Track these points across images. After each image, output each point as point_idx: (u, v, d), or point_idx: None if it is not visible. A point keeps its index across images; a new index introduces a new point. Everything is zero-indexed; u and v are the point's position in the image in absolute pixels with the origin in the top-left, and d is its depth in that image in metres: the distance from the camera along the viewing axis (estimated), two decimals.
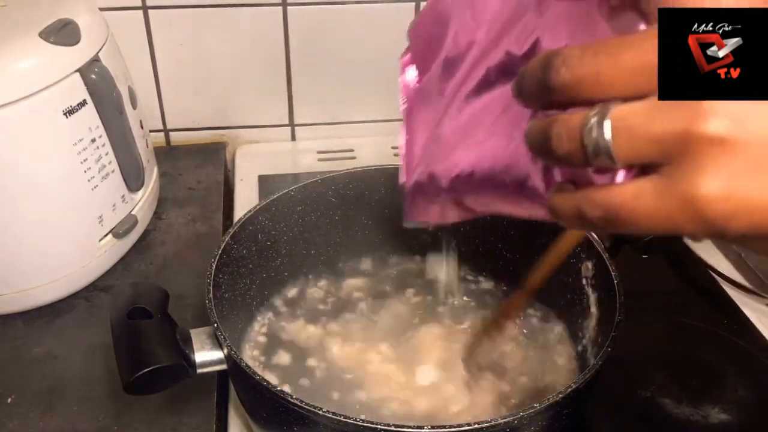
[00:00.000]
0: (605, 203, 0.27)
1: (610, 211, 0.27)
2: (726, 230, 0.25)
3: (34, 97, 0.62)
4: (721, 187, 0.24)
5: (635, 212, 0.26)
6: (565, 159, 0.28)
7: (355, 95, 1.00)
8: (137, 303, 0.54)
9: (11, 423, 0.60)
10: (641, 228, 0.26)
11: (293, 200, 0.68)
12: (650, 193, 0.26)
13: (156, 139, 0.94)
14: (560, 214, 0.29)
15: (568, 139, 0.27)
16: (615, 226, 0.27)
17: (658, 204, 0.25)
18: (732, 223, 0.25)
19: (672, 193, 0.25)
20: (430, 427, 0.45)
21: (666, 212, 0.25)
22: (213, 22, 0.92)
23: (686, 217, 0.25)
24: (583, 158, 0.27)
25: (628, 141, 0.26)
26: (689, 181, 0.25)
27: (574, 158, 0.27)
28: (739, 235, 0.25)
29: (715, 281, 0.77)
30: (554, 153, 0.28)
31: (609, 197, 0.27)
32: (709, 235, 0.26)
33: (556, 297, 0.66)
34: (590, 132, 0.26)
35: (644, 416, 0.63)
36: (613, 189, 0.27)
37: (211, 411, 0.61)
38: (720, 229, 0.25)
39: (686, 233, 0.26)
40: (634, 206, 0.26)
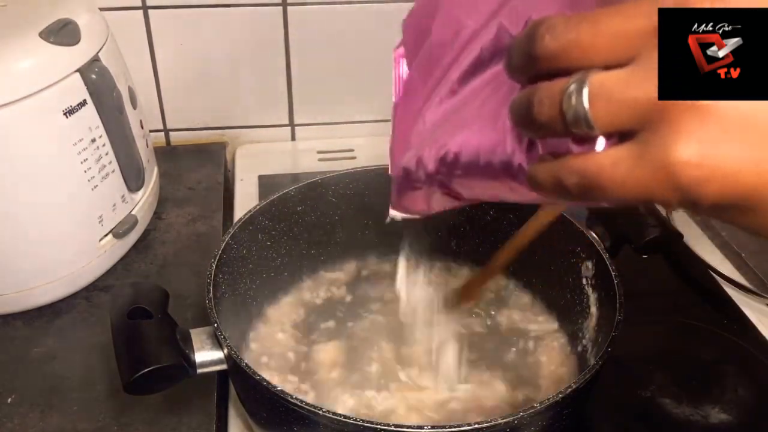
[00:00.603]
0: (582, 169, 0.27)
1: (587, 178, 0.27)
2: (699, 197, 0.25)
3: (34, 97, 0.62)
4: (694, 153, 0.24)
5: (611, 178, 0.26)
6: (545, 126, 0.28)
7: (355, 95, 1.00)
8: (137, 303, 0.53)
9: (11, 423, 0.60)
10: (617, 195, 0.27)
11: (293, 200, 0.68)
12: (626, 159, 0.26)
13: (156, 139, 0.94)
14: (538, 182, 0.29)
15: (549, 105, 0.27)
16: (591, 193, 0.27)
17: (633, 169, 0.26)
18: (705, 189, 0.25)
19: (647, 159, 0.25)
20: (430, 427, 0.45)
21: (640, 178, 0.25)
22: (213, 22, 0.92)
23: (660, 182, 0.25)
24: (562, 125, 0.27)
25: (605, 107, 0.26)
26: (664, 146, 0.25)
27: (553, 125, 0.27)
28: (711, 204, 0.25)
29: (715, 281, 0.77)
30: (535, 120, 0.28)
31: (586, 163, 0.27)
32: (682, 203, 0.26)
33: (556, 297, 0.66)
34: (570, 98, 0.26)
35: (644, 416, 0.63)
36: (590, 156, 0.27)
37: (211, 411, 0.61)
38: (693, 195, 0.25)
39: (660, 200, 0.26)
40: (610, 172, 0.26)
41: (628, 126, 0.26)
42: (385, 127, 1.10)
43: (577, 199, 0.28)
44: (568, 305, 0.65)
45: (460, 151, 0.37)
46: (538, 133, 0.29)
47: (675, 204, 0.26)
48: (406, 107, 0.44)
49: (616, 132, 0.27)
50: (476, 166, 0.36)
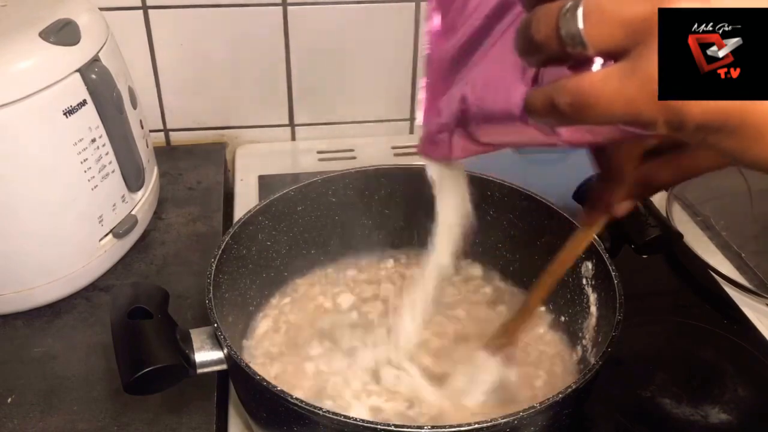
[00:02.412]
0: (574, 87, 0.28)
1: (578, 96, 0.27)
2: (685, 116, 0.26)
3: (34, 97, 0.62)
4: None
5: (601, 94, 0.27)
6: (542, 46, 0.28)
7: (355, 95, 1.01)
8: (137, 303, 0.54)
9: (11, 423, 0.60)
10: (607, 112, 0.27)
11: (293, 200, 0.68)
12: (616, 75, 0.26)
13: (156, 139, 0.94)
14: (534, 107, 0.30)
15: (545, 23, 0.28)
16: (583, 112, 0.27)
17: (623, 85, 0.26)
18: (691, 107, 0.25)
19: (635, 75, 0.26)
20: (430, 427, 0.45)
21: (629, 94, 0.26)
22: (213, 22, 0.92)
23: (648, 99, 0.26)
24: (557, 44, 0.28)
25: (598, 25, 0.26)
26: (653, 62, 0.25)
27: (549, 44, 0.28)
28: (696, 124, 0.26)
29: (715, 281, 0.77)
30: (533, 40, 0.28)
31: (578, 81, 0.28)
32: (668, 122, 0.26)
33: (556, 297, 0.66)
34: (565, 16, 0.27)
35: (644, 416, 0.63)
36: (582, 75, 0.28)
37: (211, 411, 0.61)
38: (680, 113, 0.26)
39: (647, 118, 0.26)
40: (600, 89, 0.27)
41: (620, 44, 0.26)
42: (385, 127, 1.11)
43: (570, 119, 0.29)
44: (568, 305, 0.65)
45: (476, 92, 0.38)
46: (536, 56, 0.30)
47: (661, 124, 0.26)
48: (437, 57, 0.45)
49: (608, 50, 0.27)
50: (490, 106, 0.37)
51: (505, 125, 0.37)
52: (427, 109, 0.47)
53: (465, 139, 0.43)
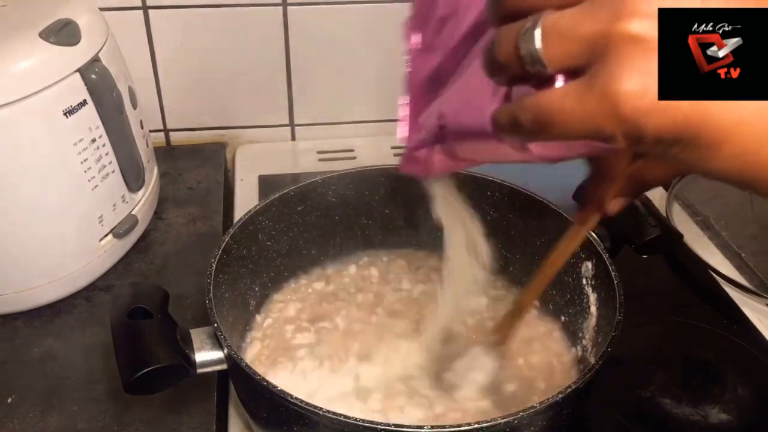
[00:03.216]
0: (535, 104, 0.28)
1: (539, 113, 0.28)
2: (641, 129, 0.26)
3: (34, 97, 0.62)
4: (637, 84, 0.25)
5: (561, 111, 0.27)
6: (504, 66, 0.29)
7: (355, 95, 1.01)
8: (137, 303, 0.53)
9: (11, 423, 0.60)
10: (567, 128, 0.27)
11: (293, 200, 0.68)
12: (575, 91, 0.27)
13: (156, 139, 0.94)
14: (499, 123, 0.31)
15: (506, 44, 0.28)
16: (545, 128, 0.28)
17: (581, 101, 0.27)
18: (646, 120, 0.26)
19: (593, 90, 0.26)
20: (430, 427, 0.45)
21: (587, 109, 0.26)
22: (213, 22, 0.92)
23: (605, 113, 0.26)
24: (519, 64, 0.28)
25: (556, 44, 0.27)
26: (609, 78, 0.26)
27: (511, 64, 0.28)
28: (654, 137, 0.26)
29: (715, 281, 0.77)
30: (496, 60, 0.29)
31: (539, 98, 0.28)
32: (627, 135, 0.26)
33: (556, 297, 0.66)
34: (524, 37, 0.28)
35: (644, 416, 0.63)
36: (543, 92, 0.28)
37: (211, 411, 0.61)
38: (636, 126, 0.26)
39: (606, 132, 0.27)
40: (559, 104, 0.27)
41: (577, 62, 0.27)
42: (385, 127, 1.11)
43: (534, 136, 0.29)
44: (568, 305, 0.65)
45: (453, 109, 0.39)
46: (500, 75, 0.30)
47: (620, 138, 0.27)
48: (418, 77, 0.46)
49: (567, 68, 0.27)
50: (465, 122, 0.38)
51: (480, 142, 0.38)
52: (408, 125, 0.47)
53: (444, 155, 0.44)
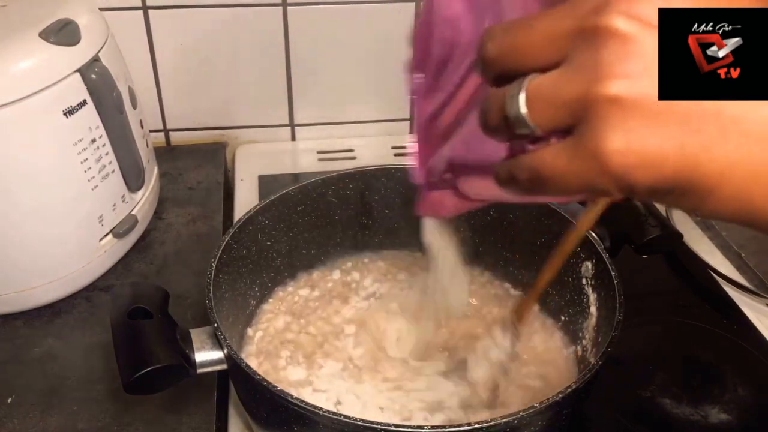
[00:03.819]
0: (529, 165, 0.29)
1: (534, 173, 0.29)
2: (632, 183, 0.27)
3: (34, 97, 0.62)
4: (620, 141, 0.26)
5: (552, 171, 0.28)
6: (496, 130, 0.30)
7: (355, 95, 1.01)
8: (137, 303, 0.54)
9: (11, 423, 0.60)
10: (560, 186, 0.28)
11: (293, 200, 0.68)
12: (564, 153, 0.28)
13: (156, 139, 0.94)
14: (499, 179, 0.31)
15: (495, 110, 0.29)
16: (540, 186, 0.29)
17: (571, 161, 0.27)
18: (635, 175, 0.26)
19: (581, 150, 0.27)
20: (430, 427, 0.45)
21: (577, 168, 0.27)
22: (213, 22, 0.92)
23: (594, 171, 0.27)
24: (507, 128, 0.29)
25: (540, 109, 0.28)
26: (594, 138, 0.26)
27: (501, 129, 0.29)
28: (647, 189, 0.27)
29: (715, 281, 0.77)
30: (488, 125, 0.30)
31: (532, 160, 0.29)
32: (620, 189, 0.27)
33: (556, 297, 0.66)
34: (510, 102, 0.28)
35: (644, 416, 0.63)
36: (536, 153, 0.29)
37: (211, 411, 0.61)
38: (626, 182, 0.27)
39: (599, 188, 0.27)
40: (551, 165, 0.28)
41: (563, 122, 0.27)
42: (385, 127, 1.11)
43: (531, 192, 0.30)
44: (568, 305, 0.65)
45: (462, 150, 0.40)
46: (494, 137, 0.31)
47: (614, 191, 0.27)
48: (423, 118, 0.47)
49: (555, 129, 0.28)
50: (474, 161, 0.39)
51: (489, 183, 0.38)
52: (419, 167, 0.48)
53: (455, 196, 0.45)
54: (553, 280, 0.56)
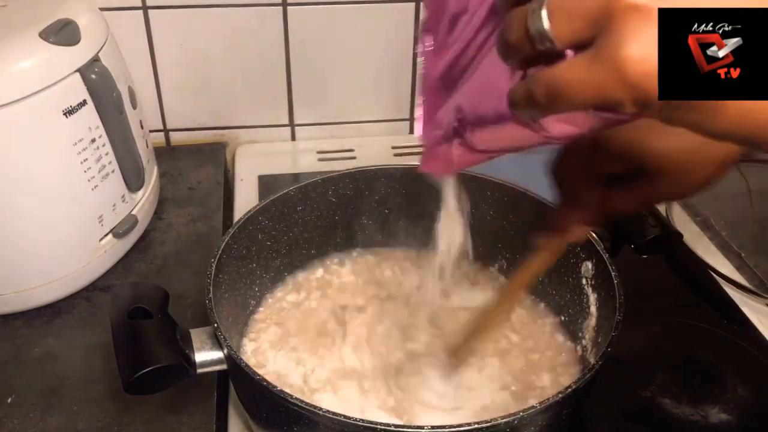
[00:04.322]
0: (546, 78, 0.30)
1: (551, 85, 0.29)
2: (647, 92, 0.27)
3: (34, 97, 0.62)
4: (639, 49, 0.26)
5: (570, 81, 0.29)
6: (516, 47, 0.30)
7: (355, 95, 1.01)
8: (137, 303, 0.54)
9: (11, 423, 0.60)
10: (578, 98, 0.29)
11: (293, 200, 0.68)
12: (582, 62, 0.28)
13: (156, 139, 0.94)
14: (515, 100, 0.32)
15: (516, 26, 0.30)
16: (557, 99, 0.29)
17: (589, 70, 0.28)
18: (652, 82, 0.27)
19: (599, 59, 0.28)
20: (430, 427, 0.45)
21: (595, 77, 0.28)
22: (213, 22, 0.92)
23: (612, 79, 0.27)
24: (529, 44, 0.30)
25: (562, 21, 0.28)
26: (613, 45, 0.27)
27: (522, 45, 0.30)
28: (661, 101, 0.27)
29: (715, 281, 0.77)
30: (508, 42, 0.31)
31: (550, 72, 0.30)
32: (635, 100, 0.28)
33: (556, 297, 0.66)
34: (532, 17, 0.29)
35: (644, 416, 0.63)
36: (553, 67, 0.30)
37: (211, 411, 0.61)
38: (642, 89, 0.27)
39: (615, 99, 0.28)
40: (569, 76, 0.29)
41: (584, 35, 0.28)
42: (385, 127, 1.11)
43: (548, 108, 0.30)
44: (568, 305, 0.65)
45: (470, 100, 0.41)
46: (514, 56, 0.31)
47: (629, 103, 0.28)
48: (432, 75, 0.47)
49: (575, 42, 0.29)
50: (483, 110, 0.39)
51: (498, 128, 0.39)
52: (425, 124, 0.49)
53: (462, 149, 0.45)
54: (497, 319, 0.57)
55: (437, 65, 0.46)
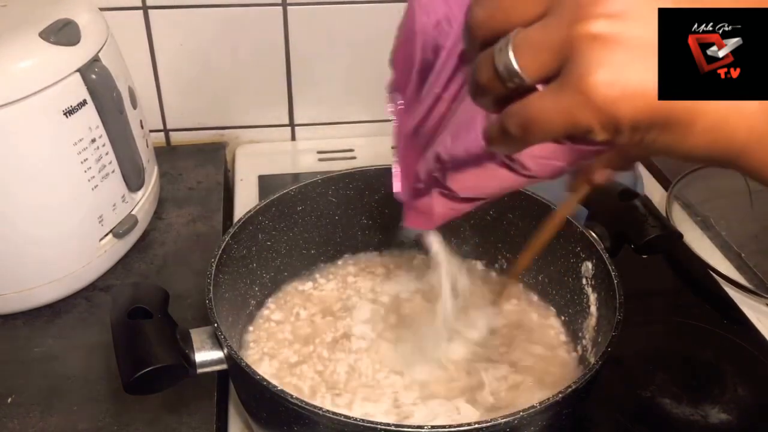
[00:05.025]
0: (518, 110, 0.30)
1: (522, 117, 0.30)
2: (616, 116, 0.27)
3: (34, 97, 0.62)
4: (604, 74, 0.27)
5: (540, 111, 0.29)
6: (487, 87, 0.31)
7: (355, 95, 1.01)
8: (137, 303, 0.53)
9: (11, 423, 0.60)
10: (549, 127, 0.29)
11: (293, 200, 0.68)
12: (550, 93, 0.29)
13: (156, 139, 0.94)
14: (490, 136, 0.32)
15: (485, 66, 0.30)
16: (530, 131, 0.30)
17: (557, 99, 0.28)
18: (619, 107, 0.27)
19: (567, 87, 0.28)
20: (430, 427, 0.45)
21: (564, 105, 0.28)
22: (213, 22, 0.92)
23: (579, 105, 0.28)
24: (498, 81, 0.30)
25: (528, 56, 0.29)
26: (578, 73, 0.28)
27: (493, 84, 0.30)
28: (631, 123, 0.28)
29: (715, 281, 0.77)
30: (478, 83, 0.31)
31: (521, 104, 0.30)
32: (604, 125, 0.28)
33: (557, 297, 0.66)
34: (499, 55, 0.30)
35: (644, 416, 0.63)
36: (524, 99, 0.30)
37: (211, 411, 0.61)
38: (611, 114, 0.27)
39: (585, 125, 0.28)
40: (539, 106, 0.29)
41: (551, 67, 0.29)
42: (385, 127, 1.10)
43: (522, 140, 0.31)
44: (568, 305, 0.65)
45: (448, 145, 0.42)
46: (486, 97, 0.32)
47: (599, 129, 0.28)
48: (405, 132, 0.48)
49: (543, 76, 0.29)
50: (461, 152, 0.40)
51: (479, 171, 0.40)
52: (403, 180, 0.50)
53: (444, 199, 0.46)
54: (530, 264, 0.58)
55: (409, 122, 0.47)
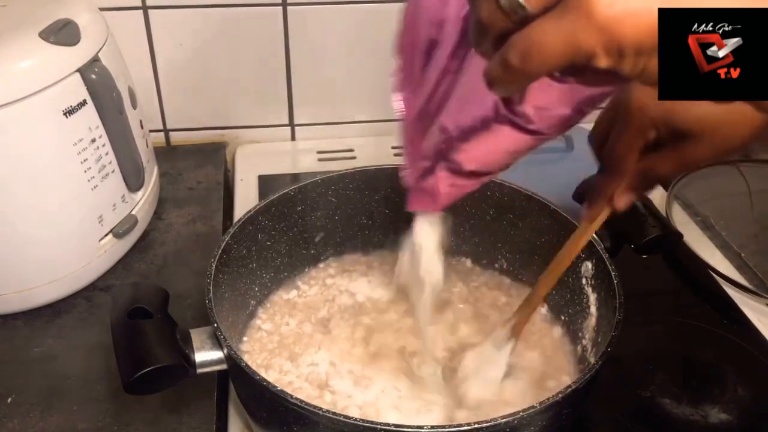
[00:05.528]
0: (518, 40, 0.30)
1: (523, 46, 0.29)
2: (619, 37, 0.27)
3: (34, 97, 0.62)
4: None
5: (542, 38, 0.29)
6: (489, 24, 0.30)
7: (355, 95, 1.01)
8: (137, 303, 0.54)
9: (11, 423, 0.60)
10: (551, 55, 0.29)
11: (293, 200, 0.68)
12: (551, 19, 0.29)
13: (156, 139, 0.94)
14: (491, 74, 0.32)
15: (487, 3, 0.30)
16: (532, 60, 0.29)
17: (559, 23, 0.28)
18: (622, 27, 0.27)
19: (568, 10, 0.28)
20: (430, 427, 0.45)
21: (566, 29, 0.28)
22: (213, 22, 0.92)
23: (581, 26, 0.27)
24: (501, 16, 0.30)
25: None
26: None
27: (494, 19, 0.30)
28: (634, 46, 0.27)
29: (715, 281, 0.77)
30: (480, 21, 0.30)
31: (522, 35, 0.29)
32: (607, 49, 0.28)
33: (556, 297, 0.66)
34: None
35: (644, 416, 0.63)
36: (525, 29, 0.29)
37: (211, 411, 0.61)
38: (613, 35, 0.27)
39: (587, 49, 0.28)
40: (540, 34, 0.29)
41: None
42: (385, 127, 1.11)
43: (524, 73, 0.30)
44: (568, 305, 0.65)
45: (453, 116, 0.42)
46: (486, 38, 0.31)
47: (602, 52, 0.28)
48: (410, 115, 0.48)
49: (545, 6, 0.29)
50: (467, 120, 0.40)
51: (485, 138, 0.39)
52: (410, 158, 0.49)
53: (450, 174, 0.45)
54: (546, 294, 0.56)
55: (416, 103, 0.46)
